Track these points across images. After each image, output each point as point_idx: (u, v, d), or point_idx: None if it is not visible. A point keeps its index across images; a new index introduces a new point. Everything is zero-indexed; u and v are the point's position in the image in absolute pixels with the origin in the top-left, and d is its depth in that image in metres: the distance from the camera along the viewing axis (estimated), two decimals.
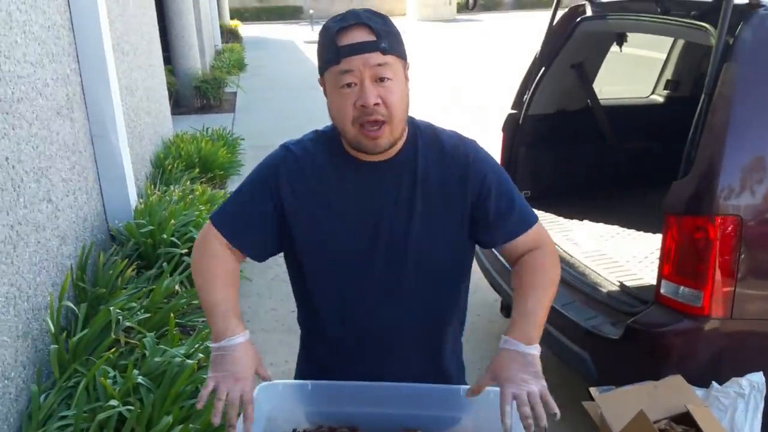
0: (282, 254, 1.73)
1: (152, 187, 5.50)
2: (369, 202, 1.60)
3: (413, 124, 1.65)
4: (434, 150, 1.63)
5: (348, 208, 1.60)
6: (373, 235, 1.60)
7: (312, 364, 1.83)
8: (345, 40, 1.46)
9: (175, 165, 6.25)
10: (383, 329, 1.66)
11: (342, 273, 1.63)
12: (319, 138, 1.67)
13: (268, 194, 1.62)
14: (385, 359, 1.67)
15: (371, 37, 1.46)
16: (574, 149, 4.24)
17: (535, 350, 1.50)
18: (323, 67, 1.53)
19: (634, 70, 5.70)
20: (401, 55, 1.53)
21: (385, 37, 1.47)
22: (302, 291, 1.74)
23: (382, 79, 1.47)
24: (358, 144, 1.53)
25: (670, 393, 2.20)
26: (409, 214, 1.59)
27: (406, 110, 1.55)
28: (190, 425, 2.56)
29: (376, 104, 1.47)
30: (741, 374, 2.35)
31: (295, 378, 1.85)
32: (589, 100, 4.28)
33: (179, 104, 10.77)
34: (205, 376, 2.88)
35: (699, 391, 2.32)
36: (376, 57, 1.46)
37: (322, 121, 1.56)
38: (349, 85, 1.47)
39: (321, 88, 1.56)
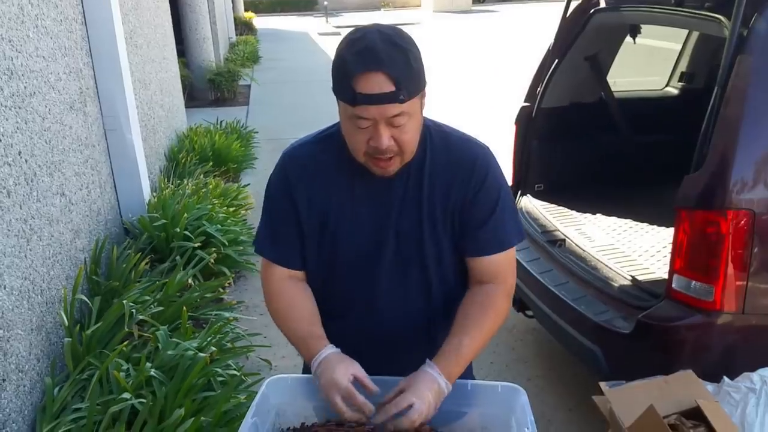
0: None
1: (166, 180, 5.53)
2: (377, 207, 1.60)
3: (424, 125, 1.61)
4: (443, 153, 1.61)
5: (356, 213, 1.60)
6: (380, 238, 1.61)
7: None
8: (362, 87, 1.39)
9: (189, 158, 6.28)
10: (389, 329, 1.68)
11: (349, 274, 1.65)
12: (325, 140, 1.66)
13: (287, 203, 1.64)
14: (391, 358, 1.67)
15: (390, 88, 1.39)
16: (587, 142, 4.21)
17: (447, 388, 1.51)
18: (336, 95, 1.48)
19: (649, 62, 5.66)
20: (420, 91, 1.47)
21: (404, 87, 1.40)
22: (314, 287, 1.75)
23: (397, 125, 1.45)
24: (367, 167, 1.54)
25: (681, 388, 2.19)
26: (416, 216, 1.59)
27: (417, 140, 1.54)
28: (202, 418, 2.57)
29: (388, 145, 1.46)
30: (752, 369, 2.33)
31: (303, 373, 1.87)
32: (602, 93, 4.24)
33: (193, 97, 10.80)
34: (217, 369, 2.93)
35: (710, 386, 2.31)
36: (394, 108, 1.41)
37: (333, 113, 1.53)
38: (363, 127, 1.45)
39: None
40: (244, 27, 21.59)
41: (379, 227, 1.60)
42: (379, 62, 1.38)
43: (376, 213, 1.60)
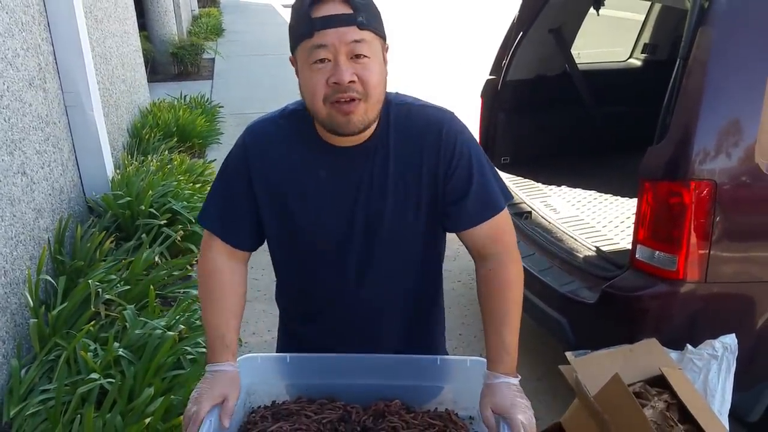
0: None
1: (129, 157, 5.44)
2: (343, 187, 1.54)
3: (386, 100, 1.53)
4: (407, 125, 1.54)
5: (321, 194, 1.54)
6: (348, 218, 1.55)
7: (292, 338, 1.84)
8: (319, 12, 1.36)
9: (153, 134, 6.19)
10: (361, 311, 1.65)
11: (319, 255, 1.60)
12: (290, 117, 1.59)
13: (243, 180, 1.57)
14: (370, 338, 1.67)
15: (348, 10, 1.35)
16: (552, 115, 4.24)
17: (517, 379, 1.51)
18: (295, 43, 1.43)
19: (612, 32, 5.69)
20: (380, 33, 1.43)
21: (362, 11, 1.36)
22: (281, 270, 1.73)
23: (358, 56, 1.38)
24: (330, 123, 1.44)
25: (645, 356, 2.23)
26: (382, 193, 1.53)
27: (383, 92, 1.47)
28: (172, 396, 2.57)
29: (351, 82, 1.38)
30: (715, 336, 2.38)
31: (277, 351, 1.86)
32: (567, 65, 4.27)
33: (156, 71, 10.61)
34: (186, 347, 2.92)
35: (674, 354, 2.36)
36: (353, 32, 1.36)
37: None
38: (322, 60, 1.38)
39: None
40: None
41: (347, 206, 1.54)
42: None
43: (343, 191, 1.54)
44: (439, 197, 1.55)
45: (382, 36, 1.45)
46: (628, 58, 4.99)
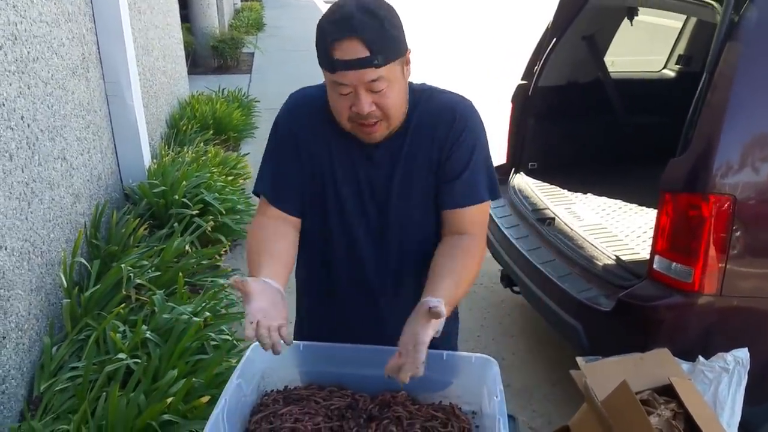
0: None
1: (166, 147, 5.57)
2: (361, 164, 1.65)
3: (413, 91, 1.66)
4: (427, 107, 1.65)
5: (345, 170, 1.66)
6: (365, 197, 1.67)
7: (303, 319, 1.94)
8: (338, 54, 1.45)
9: (190, 126, 6.32)
10: (374, 285, 1.74)
11: (339, 228, 1.70)
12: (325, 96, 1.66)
13: (290, 145, 1.68)
14: (377, 318, 1.76)
15: (365, 53, 1.43)
16: (582, 122, 4.25)
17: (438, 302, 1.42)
18: (320, 64, 1.54)
19: (649, 39, 5.64)
20: (398, 57, 1.51)
21: (378, 51, 1.44)
22: (306, 240, 1.78)
23: (377, 90, 1.49)
24: (354, 134, 1.59)
25: (655, 365, 2.25)
26: (399, 175, 1.64)
27: (403, 104, 1.59)
28: (194, 379, 2.66)
29: (371, 110, 1.51)
30: (727, 350, 2.40)
31: (294, 339, 1.93)
32: (599, 73, 4.27)
33: (196, 64, 10.78)
34: (211, 333, 3.00)
35: (685, 365, 2.38)
36: (370, 73, 1.46)
37: None
38: (344, 93, 1.50)
39: None
40: None
41: (368, 187, 1.66)
42: (353, 29, 1.43)
43: (362, 170, 1.65)
44: (438, 173, 1.65)
45: (402, 54, 1.52)
46: (662, 69, 4.97)
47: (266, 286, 1.47)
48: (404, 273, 1.75)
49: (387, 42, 1.47)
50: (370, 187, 1.67)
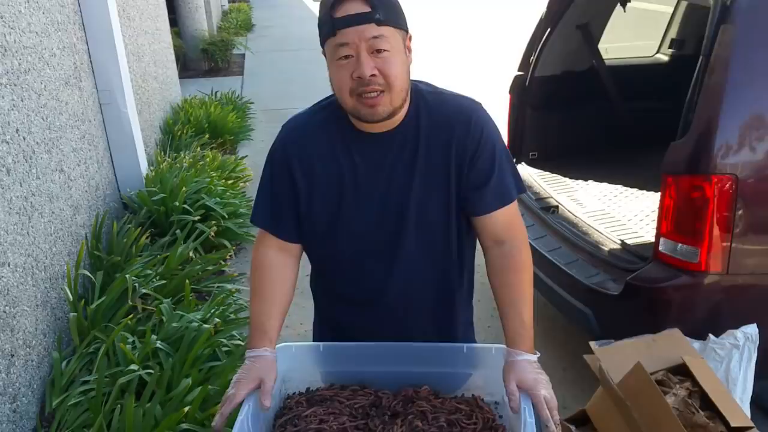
0: None
1: (162, 153, 5.55)
2: (376, 173, 1.63)
3: (416, 90, 1.65)
4: (439, 112, 1.64)
5: (356, 180, 1.63)
6: (381, 202, 1.64)
7: (323, 325, 1.92)
8: (339, 12, 1.47)
9: (185, 131, 6.29)
10: (392, 293, 1.72)
11: (353, 240, 1.68)
12: (322, 110, 1.69)
13: (286, 175, 1.67)
14: (395, 323, 1.74)
15: (366, 9, 1.45)
16: (580, 110, 4.26)
17: (536, 356, 1.61)
18: (322, 40, 1.54)
19: (640, 24, 5.66)
20: (400, 26, 1.52)
21: (380, 8, 1.46)
22: (316, 256, 1.80)
23: (379, 51, 1.48)
24: (357, 113, 1.55)
25: (668, 345, 2.28)
26: (412, 180, 1.62)
27: (406, 80, 1.56)
28: (209, 387, 2.65)
29: (373, 75, 1.48)
30: (736, 326, 2.43)
31: (313, 340, 1.94)
32: (594, 61, 4.29)
33: (186, 68, 10.74)
34: (222, 339, 3.00)
35: (696, 344, 2.40)
36: (371, 29, 1.46)
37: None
38: (346, 57, 1.49)
39: None
40: None
41: (381, 194, 1.63)
42: None
43: (376, 175, 1.63)
44: (462, 182, 1.64)
45: (403, 28, 1.54)
46: (655, 53, 4.99)
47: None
48: (423, 280, 1.74)
49: (387, 4, 1.49)
50: (386, 193, 1.64)
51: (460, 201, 1.66)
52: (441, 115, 1.64)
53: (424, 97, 1.66)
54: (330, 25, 1.49)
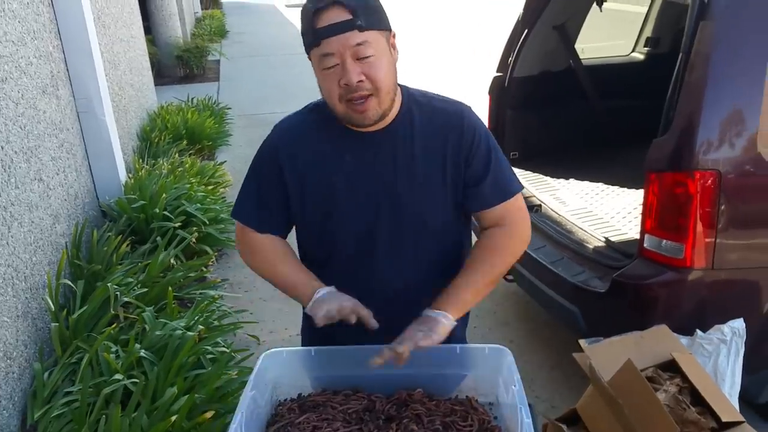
0: None
1: (140, 161, 5.50)
2: (369, 172, 1.63)
3: (407, 93, 1.67)
4: (430, 115, 1.66)
5: (349, 179, 1.64)
6: (375, 202, 1.64)
7: (316, 330, 1.89)
8: (321, 22, 1.47)
9: (162, 137, 6.26)
10: (387, 295, 1.71)
11: (347, 240, 1.69)
12: (313, 111, 1.70)
13: (275, 173, 1.67)
14: (389, 326, 1.73)
15: (347, 16, 1.46)
16: (558, 109, 4.29)
17: (442, 317, 1.57)
18: (307, 49, 1.55)
19: (614, 25, 5.70)
20: (382, 28, 1.53)
21: (361, 15, 1.46)
22: (310, 258, 1.79)
23: (364, 57, 1.49)
24: (348, 119, 1.57)
25: (656, 342, 2.28)
26: (406, 179, 1.63)
27: (393, 81, 1.57)
28: (196, 395, 2.62)
29: (360, 81, 1.49)
30: (723, 321, 2.44)
31: (303, 345, 1.92)
32: (571, 61, 4.31)
33: (162, 74, 10.69)
34: (207, 347, 2.97)
35: (683, 339, 2.41)
36: (354, 36, 1.47)
37: (307, 86, 1.58)
38: (332, 66, 1.50)
39: (304, 54, 1.56)
40: (209, 1, 21.28)
41: (374, 194, 1.64)
42: None
43: (369, 180, 1.63)
44: (460, 181, 1.66)
45: (386, 28, 1.55)
46: (631, 52, 5.03)
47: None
48: (420, 281, 1.74)
49: (368, 8, 1.49)
50: (379, 192, 1.65)
51: (458, 199, 1.69)
52: (434, 117, 1.66)
53: (414, 97, 1.68)
54: (313, 36, 1.49)
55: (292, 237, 1.81)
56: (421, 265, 1.72)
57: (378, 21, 1.52)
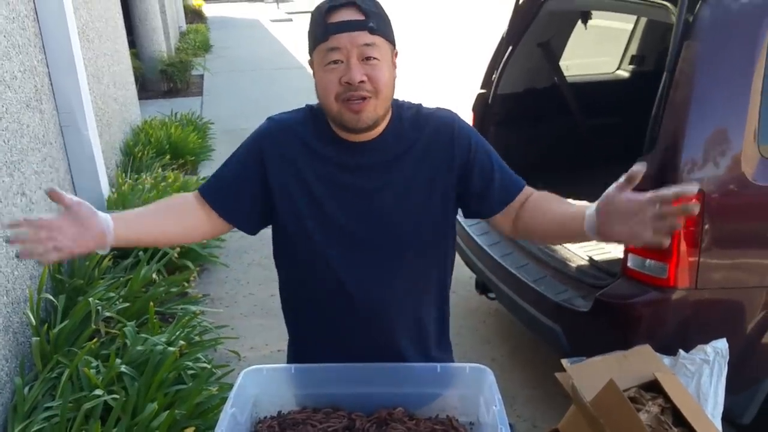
0: (253, 245, 1.76)
1: (123, 175, 5.47)
2: (356, 181, 1.62)
3: (396, 104, 1.67)
4: (420, 126, 1.66)
5: (335, 187, 1.62)
6: (360, 211, 1.62)
7: (299, 346, 1.88)
8: (334, 18, 1.50)
9: (146, 152, 6.23)
10: (371, 307, 1.68)
11: (330, 248, 1.65)
12: (309, 113, 1.69)
13: (255, 165, 1.65)
14: (372, 339, 1.71)
15: (360, 17, 1.49)
16: (543, 127, 4.30)
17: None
18: (312, 46, 1.56)
19: (599, 42, 5.75)
20: (389, 38, 1.56)
21: (373, 18, 1.50)
22: (287, 269, 1.77)
23: (368, 58, 1.50)
24: (341, 119, 1.54)
25: (639, 362, 2.28)
26: (394, 189, 1.62)
27: (391, 90, 1.58)
28: (176, 411, 2.60)
29: (362, 81, 1.49)
30: (706, 341, 2.44)
31: (288, 362, 1.90)
32: (556, 78, 4.33)
33: (146, 88, 10.65)
34: (188, 363, 2.95)
35: (666, 359, 2.41)
36: (364, 36, 1.49)
37: (291, 100, 1.58)
38: (335, 62, 1.51)
39: (289, 69, 1.57)
40: (193, 15, 21.31)
41: (359, 203, 1.62)
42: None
43: (356, 190, 1.62)
44: (460, 190, 1.68)
45: (392, 42, 1.58)
46: (616, 70, 5.06)
47: (89, 212, 1.46)
48: (402, 296, 1.71)
49: (381, 17, 1.53)
50: (366, 203, 1.63)
51: (448, 209, 1.69)
52: (424, 127, 1.67)
53: (403, 109, 1.69)
54: (323, 30, 1.51)
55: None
56: (403, 279, 1.69)
57: (387, 30, 1.55)
